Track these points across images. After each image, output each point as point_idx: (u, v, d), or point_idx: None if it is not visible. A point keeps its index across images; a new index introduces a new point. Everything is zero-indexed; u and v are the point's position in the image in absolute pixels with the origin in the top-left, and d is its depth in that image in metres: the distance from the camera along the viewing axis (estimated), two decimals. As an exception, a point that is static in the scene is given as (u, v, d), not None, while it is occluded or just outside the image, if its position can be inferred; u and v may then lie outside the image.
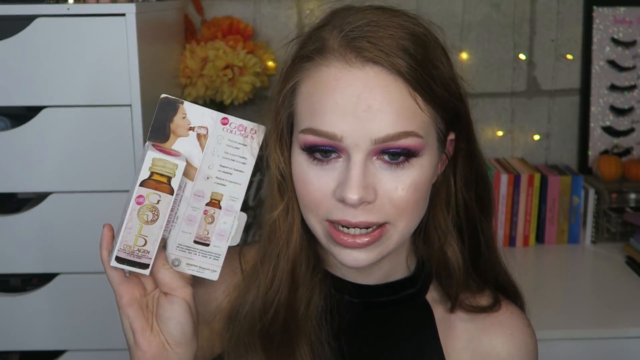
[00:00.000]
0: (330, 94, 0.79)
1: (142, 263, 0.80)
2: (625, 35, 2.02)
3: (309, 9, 1.97)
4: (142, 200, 0.78)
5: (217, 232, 0.84)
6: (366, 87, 0.78)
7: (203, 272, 0.84)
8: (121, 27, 1.32)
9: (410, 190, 0.80)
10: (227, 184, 0.83)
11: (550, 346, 1.46)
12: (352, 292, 0.91)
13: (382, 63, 0.78)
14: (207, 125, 0.82)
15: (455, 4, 2.00)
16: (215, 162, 0.83)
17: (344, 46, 0.80)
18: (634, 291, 1.66)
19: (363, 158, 0.79)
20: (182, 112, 0.81)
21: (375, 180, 0.80)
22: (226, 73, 1.80)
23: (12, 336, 1.45)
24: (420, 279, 0.94)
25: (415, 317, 0.92)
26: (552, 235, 1.93)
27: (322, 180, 0.81)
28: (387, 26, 0.80)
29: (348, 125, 0.78)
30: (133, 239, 0.79)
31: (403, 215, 0.81)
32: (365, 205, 0.79)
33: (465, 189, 0.90)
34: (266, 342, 0.87)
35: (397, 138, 0.78)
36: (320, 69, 0.81)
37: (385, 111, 0.78)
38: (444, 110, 0.83)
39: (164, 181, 0.78)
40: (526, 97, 2.06)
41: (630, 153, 2.06)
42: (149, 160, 0.78)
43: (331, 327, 0.88)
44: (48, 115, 1.36)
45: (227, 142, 0.83)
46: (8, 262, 1.42)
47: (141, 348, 0.81)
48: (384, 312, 0.92)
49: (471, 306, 0.92)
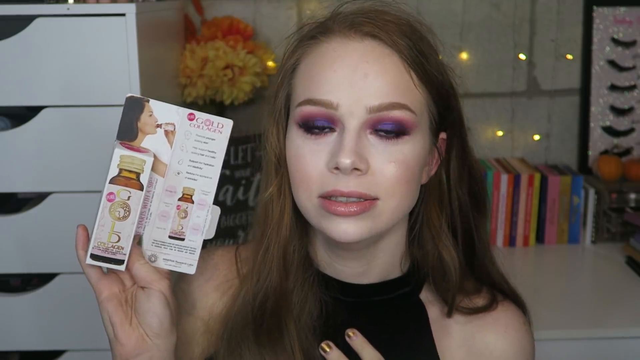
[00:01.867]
0: (328, 65, 0.82)
1: (117, 259, 0.81)
2: (625, 35, 2.02)
3: (309, 9, 1.97)
4: (112, 197, 0.80)
5: (191, 227, 0.85)
6: (363, 57, 0.81)
7: (180, 266, 0.85)
8: (121, 27, 1.32)
9: (402, 167, 0.82)
10: (198, 178, 0.84)
11: (550, 346, 1.46)
12: (344, 291, 0.91)
13: (380, 37, 0.82)
14: (174, 121, 0.83)
15: (455, 4, 2.00)
16: (184, 157, 0.84)
17: (345, 26, 0.84)
18: (634, 291, 1.66)
19: (357, 127, 0.81)
20: (149, 110, 0.83)
21: (368, 152, 0.81)
22: (226, 73, 1.80)
23: (12, 336, 1.45)
24: (414, 278, 0.93)
25: (409, 316, 0.92)
26: (552, 235, 1.93)
27: (315, 154, 0.83)
28: (386, 12, 0.85)
29: (344, 93, 0.81)
30: (106, 236, 0.80)
31: (393, 192, 0.82)
32: (358, 174, 0.81)
33: (459, 187, 0.91)
34: (256, 328, 0.88)
35: (390, 108, 0.81)
36: (321, 44, 0.85)
37: (380, 81, 0.81)
38: (437, 94, 0.85)
39: (133, 177, 0.80)
40: (526, 97, 2.06)
41: (630, 153, 2.06)
42: (117, 157, 0.79)
43: (324, 326, 0.88)
44: (48, 115, 1.36)
45: (195, 137, 0.84)
46: (8, 262, 1.42)
47: (120, 341, 0.83)
48: (376, 311, 0.92)
49: (467, 308, 0.92)
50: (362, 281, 0.91)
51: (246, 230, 1.86)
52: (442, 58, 0.89)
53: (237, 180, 1.82)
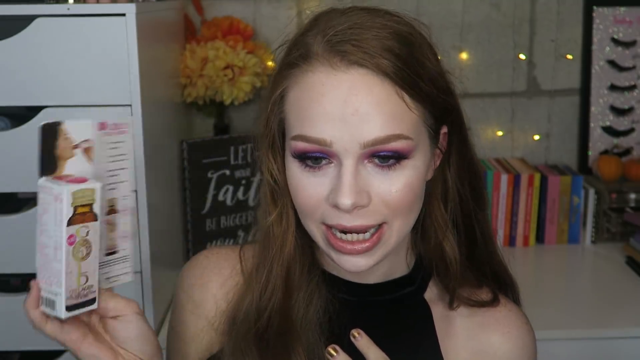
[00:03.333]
0: (317, 99, 0.79)
1: (89, 300, 0.78)
2: (625, 35, 2.02)
3: (309, 9, 1.96)
4: (73, 240, 0.75)
5: (121, 236, 0.83)
6: (352, 90, 0.78)
7: (119, 278, 0.84)
8: (121, 27, 1.32)
9: (404, 192, 0.81)
10: (117, 185, 0.82)
11: (550, 346, 1.46)
12: (349, 291, 0.91)
13: (367, 65, 0.78)
14: (89, 137, 0.79)
15: (455, 4, 2.00)
16: (103, 169, 0.80)
17: (327, 50, 0.80)
18: (634, 291, 1.66)
19: (354, 162, 0.79)
20: (64, 133, 0.78)
21: (368, 183, 0.80)
22: (226, 73, 1.80)
23: (12, 336, 1.45)
24: (419, 276, 0.94)
25: (413, 316, 0.92)
26: (552, 235, 1.93)
27: (315, 187, 0.81)
28: (371, 27, 0.80)
29: (336, 130, 0.78)
30: (76, 281, 0.76)
31: (398, 215, 0.82)
32: (359, 209, 0.80)
33: (459, 181, 0.90)
34: (262, 347, 0.87)
35: (386, 141, 0.78)
36: (306, 75, 0.81)
37: (372, 114, 0.78)
38: (432, 107, 0.83)
39: (87, 211, 0.76)
40: (526, 97, 2.06)
41: (630, 153, 2.06)
42: (68, 196, 0.74)
43: (329, 326, 0.88)
44: (48, 115, 1.35)
45: (109, 146, 0.81)
46: (8, 262, 1.42)
47: None
48: (381, 311, 0.92)
49: (471, 300, 0.92)
50: (367, 280, 0.91)
51: (246, 230, 1.86)
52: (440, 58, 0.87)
53: (237, 180, 1.82)
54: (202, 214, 1.79)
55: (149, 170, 1.39)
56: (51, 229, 0.75)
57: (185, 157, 1.75)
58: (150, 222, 1.40)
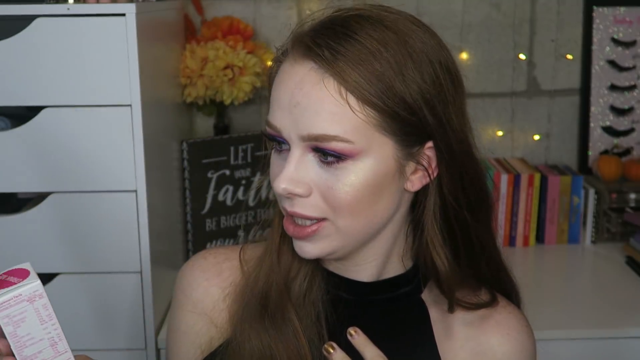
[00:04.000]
0: (276, 87, 0.83)
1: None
2: (625, 35, 2.02)
3: (309, 9, 1.97)
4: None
5: None
6: (298, 84, 0.80)
7: None
8: (121, 27, 1.32)
9: (344, 191, 0.81)
10: None
11: (550, 346, 1.46)
12: (346, 289, 0.91)
13: (318, 61, 0.79)
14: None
15: (455, 4, 2.00)
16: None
17: (296, 43, 0.83)
18: (634, 291, 1.66)
19: (299, 152, 0.81)
20: None
21: (310, 175, 0.82)
22: (226, 73, 1.80)
23: (12, 336, 1.45)
24: (415, 277, 0.93)
25: (410, 315, 0.92)
26: (552, 235, 1.93)
27: (276, 169, 0.84)
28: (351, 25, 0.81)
29: (283, 118, 0.81)
30: None
31: (340, 214, 0.82)
32: (299, 199, 0.82)
33: (450, 194, 0.88)
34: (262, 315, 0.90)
35: (321, 140, 0.80)
36: (280, 66, 0.85)
37: (310, 111, 0.79)
38: (396, 113, 0.80)
39: None
40: (526, 97, 2.06)
41: (630, 153, 2.06)
42: (42, 288, 0.70)
43: (326, 322, 0.89)
44: (48, 115, 1.36)
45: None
46: (8, 261, 1.42)
47: None
48: (378, 310, 0.92)
49: (469, 303, 0.91)
50: (360, 278, 0.91)
51: (246, 230, 1.86)
52: None
53: (237, 180, 1.82)
54: (202, 214, 1.79)
55: (149, 170, 1.39)
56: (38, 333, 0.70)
57: (185, 157, 1.75)
58: (150, 222, 1.40)
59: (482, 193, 0.92)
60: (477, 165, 0.91)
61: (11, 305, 0.69)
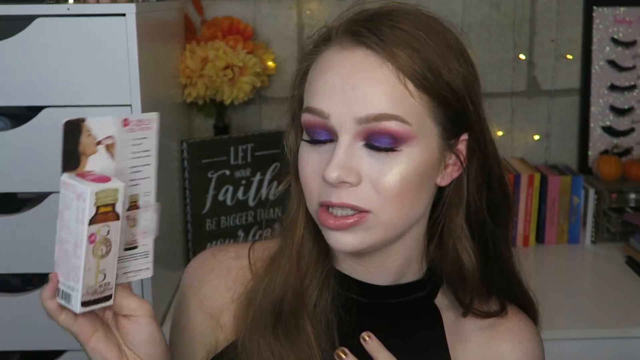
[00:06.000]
0: (322, 73, 0.82)
1: (106, 296, 0.78)
2: (625, 35, 2.02)
3: (309, 9, 1.97)
4: (94, 238, 0.76)
5: (141, 232, 0.83)
6: (353, 68, 0.80)
7: (139, 274, 0.83)
8: (121, 27, 1.32)
9: (395, 179, 0.80)
10: (140, 182, 0.82)
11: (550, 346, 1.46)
12: (361, 291, 0.90)
13: (374, 48, 0.80)
14: (112, 133, 0.79)
15: (455, 4, 2.00)
16: (126, 165, 0.80)
17: (343, 31, 0.83)
18: (634, 291, 1.66)
19: (349, 140, 0.80)
20: (87, 130, 0.78)
21: (361, 164, 0.80)
22: (226, 73, 1.80)
23: (12, 336, 1.45)
24: (430, 282, 0.93)
25: (423, 320, 0.92)
26: (552, 235, 1.93)
27: (315, 163, 0.82)
28: (395, 17, 0.83)
29: (334, 103, 0.80)
30: (94, 279, 0.76)
31: (387, 205, 0.81)
32: (348, 187, 0.80)
33: (476, 192, 0.89)
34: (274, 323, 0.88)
35: (380, 119, 0.79)
36: (322, 53, 0.84)
37: (370, 92, 0.79)
38: (445, 101, 0.82)
39: (109, 210, 0.76)
40: (526, 97, 2.06)
41: (630, 153, 2.06)
42: (92, 196, 0.74)
43: (339, 325, 0.88)
44: (48, 115, 1.36)
45: (132, 142, 0.81)
46: (8, 262, 1.42)
47: None
48: (391, 314, 0.91)
49: (480, 311, 0.91)
50: (377, 281, 0.90)
51: (246, 230, 1.86)
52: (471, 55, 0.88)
53: (237, 180, 1.82)
54: (202, 214, 1.79)
55: (149, 170, 1.39)
56: (72, 226, 0.76)
57: (185, 157, 1.75)
58: (150, 222, 1.40)
59: (506, 196, 0.93)
60: (501, 167, 0.93)
61: (67, 190, 0.76)
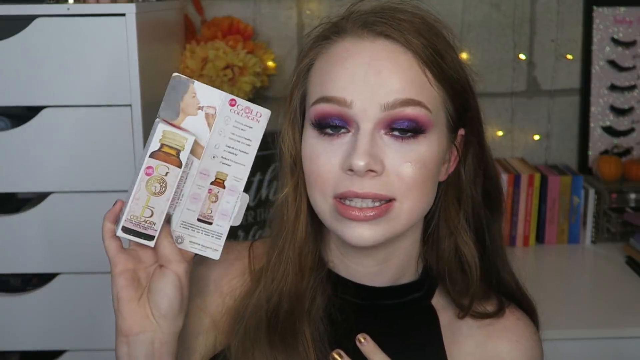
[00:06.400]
0: (341, 63, 0.82)
1: (147, 234, 0.80)
2: (625, 35, 2.02)
3: (309, 9, 1.97)
4: (151, 172, 0.79)
5: (220, 212, 0.85)
6: (376, 55, 0.81)
7: (205, 250, 0.85)
8: (121, 27, 1.32)
9: (418, 166, 0.81)
10: (232, 164, 0.85)
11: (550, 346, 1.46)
12: (357, 293, 0.90)
13: (394, 37, 0.81)
14: (216, 105, 0.83)
15: (455, 4, 2.00)
16: (221, 142, 0.84)
17: (357, 25, 0.83)
18: (634, 291, 1.66)
19: (371, 128, 0.80)
20: (192, 92, 0.83)
21: (383, 153, 0.80)
22: (226, 73, 1.80)
23: (12, 336, 1.45)
24: (426, 283, 0.93)
25: (420, 321, 0.92)
26: (552, 235, 1.93)
27: (330, 154, 0.82)
28: (403, 10, 0.84)
29: (357, 90, 0.80)
30: (140, 210, 0.79)
31: (410, 193, 0.81)
32: (373, 176, 0.80)
33: (473, 185, 0.90)
34: (270, 331, 0.87)
35: (405, 104, 0.79)
36: (333, 45, 0.84)
37: (395, 77, 0.80)
38: (454, 93, 0.84)
39: (173, 154, 0.80)
40: (526, 97, 2.06)
41: (630, 153, 2.06)
42: (160, 132, 0.79)
43: (334, 328, 0.88)
44: (48, 115, 1.36)
45: (234, 124, 0.84)
46: (8, 262, 1.42)
47: (123, 315, 0.82)
48: (388, 315, 0.91)
49: (477, 312, 0.91)
50: (374, 283, 0.91)
51: (246, 230, 1.86)
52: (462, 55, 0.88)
53: (237, 180, 1.82)
54: (202, 214, 1.79)
55: (149, 170, 1.39)
56: (142, 158, 0.80)
57: (185, 157, 1.75)
58: (150, 222, 1.40)
59: (499, 189, 0.94)
60: (494, 164, 0.94)
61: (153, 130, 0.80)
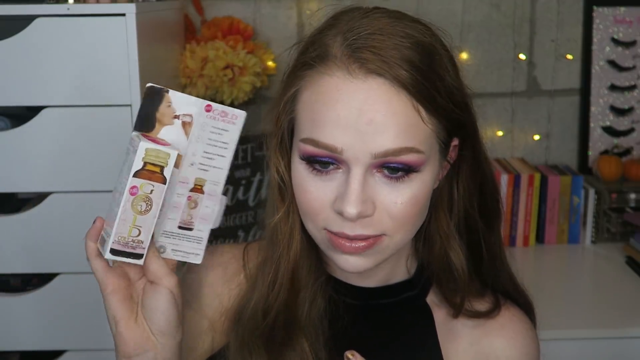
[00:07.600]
0: (332, 105, 0.77)
1: (136, 253, 0.80)
2: (625, 35, 2.02)
3: (309, 9, 1.97)
4: (135, 191, 0.78)
5: (200, 217, 0.85)
6: (368, 100, 0.76)
7: (188, 256, 0.85)
8: (121, 27, 1.32)
9: (410, 204, 0.80)
10: (210, 169, 0.84)
11: (550, 346, 1.46)
12: (352, 294, 0.91)
13: (385, 75, 0.76)
14: (192, 112, 0.83)
15: (455, 4, 2.00)
16: (199, 148, 0.83)
17: (347, 55, 0.78)
18: (634, 291, 1.66)
19: (362, 171, 0.78)
20: (168, 101, 0.82)
21: (375, 193, 0.79)
22: (226, 73, 1.80)
23: (12, 336, 1.45)
24: (420, 281, 0.93)
25: (415, 319, 0.92)
26: (552, 235, 1.93)
27: (320, 191, 0.80)
28: (392, 34, 0.78)
29: (349, 138, 0.77)
30: (127, 230, 0.79)
31: (401, 228, 0.81)
32: (363, 219, 0.79)
33: (467, 197, 0.89)
34: (269, 343, 0.87)
35: (397, 153, 0.77)
36: (322, 77, 0.79)
37: (387, 125, 0.76)
38: (447, 121, 0.81)
39: (157, 171, 0.79)
40: (526, 97, 2.06)
41: (630, 153, 2.06)
42: (142, 150, 0.78)
43: (331, 329, 0.88)
44: (48, 115, 1.36)
45: (211, 129, 0.84)
46: (8, 262, 1.42)
47: (124, 337, 0.81)
48: (383, 315, 0.91)
49: (471, 311, 0.91)
50: (366, 283, 0.91)
51: (246, 230, 1.86)
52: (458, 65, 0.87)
53: (237, 180, 1.82)
54: (202, 214, 1.79)
55: (149, 170, 1.39)
56: (123, 177, 0.79)
57: (185, 157, 1.75)
58: (150, 222, 1.40)
59: (496, 201, 0.94)
60: (493, 173, 0.92)
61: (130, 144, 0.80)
